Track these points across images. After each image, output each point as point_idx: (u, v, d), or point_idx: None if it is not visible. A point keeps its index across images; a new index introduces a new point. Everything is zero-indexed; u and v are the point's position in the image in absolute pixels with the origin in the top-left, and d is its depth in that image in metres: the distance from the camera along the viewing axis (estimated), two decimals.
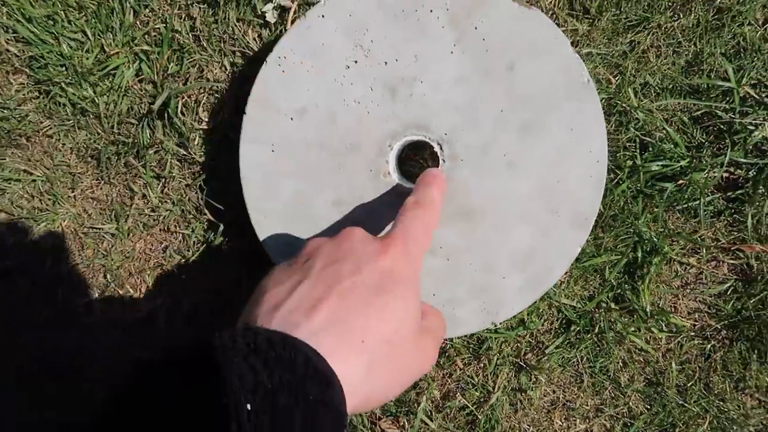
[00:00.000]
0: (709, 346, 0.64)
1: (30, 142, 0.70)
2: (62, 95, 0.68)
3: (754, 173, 0.59)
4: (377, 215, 0.58)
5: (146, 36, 0.66)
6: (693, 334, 0.64)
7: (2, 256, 0.72)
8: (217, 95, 0.66)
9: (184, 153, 0.67)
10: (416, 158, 0.65)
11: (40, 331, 0.73)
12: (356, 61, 0.56)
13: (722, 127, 0.59)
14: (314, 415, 0.29)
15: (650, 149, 0.60)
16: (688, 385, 0.64)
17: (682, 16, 0.60)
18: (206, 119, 0.66)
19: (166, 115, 0.66)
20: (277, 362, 0.30)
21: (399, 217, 0.43)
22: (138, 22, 0.66)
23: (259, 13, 0.63)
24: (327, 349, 0.32)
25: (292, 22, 0.63)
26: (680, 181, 0.59)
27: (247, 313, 0.36)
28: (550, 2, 0.60)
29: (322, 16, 0.55)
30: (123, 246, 0.71)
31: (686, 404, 0.64)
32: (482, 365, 0.68)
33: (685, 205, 0.61)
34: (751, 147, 0.58)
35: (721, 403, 0.64)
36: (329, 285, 0.35)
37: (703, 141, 0.60)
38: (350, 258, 0.37)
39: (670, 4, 0.59)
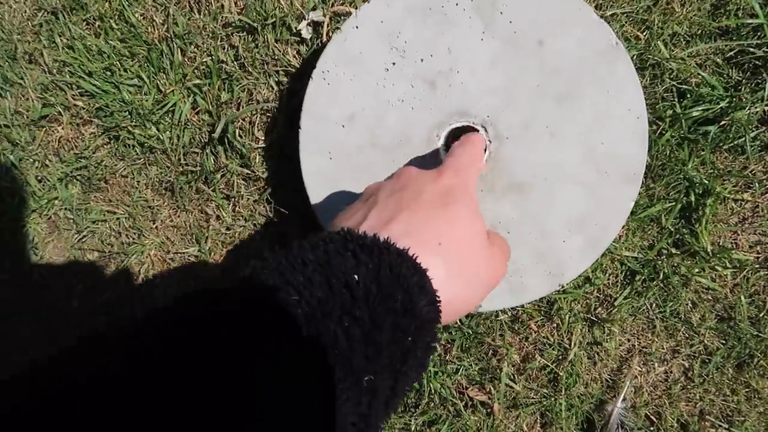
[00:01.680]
0: None
1: (108, 185, 0.77)
2: (130, 137, 0.74)
3: None
4: None
5: (196, 71, 0.71)
6: (757, 266, 0.66)
7: (101, 291, 0.80)
8: (268, 114, 0.71)
9: (248, 172, 0.72)
10: None
11: None
12: (394, 63, 0.60)
13: (757, 62, 0.60)
14: (411, 295, 0.31)
15: (688, 96, 0.61)
16: (760, 315, 0.66)
17: None
18: (262, 138, 0.72)
19: (225, 140, 0.71)
20: (372, 249, 0.31)
21: (447, 155, 0.47)
22: (186, 59, 0.71)
23: (295, 31, 0.67)
24: (409, 251, 0.34)
25: (327, 35, 0.67)
26: (722, 122, 0.61)
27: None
28: None
29: (356, 27, 0.59)
30: (207, 265, 0.77)
31: (761, 334, 0.66)
32: (555, 325, 0.71)
33: (732, 144, 0.62)
34: None
35: None
36: (397, 207, 0.38)
37: (740, 79, 0.61)
38: (410, 186, 0.40)
39: None
